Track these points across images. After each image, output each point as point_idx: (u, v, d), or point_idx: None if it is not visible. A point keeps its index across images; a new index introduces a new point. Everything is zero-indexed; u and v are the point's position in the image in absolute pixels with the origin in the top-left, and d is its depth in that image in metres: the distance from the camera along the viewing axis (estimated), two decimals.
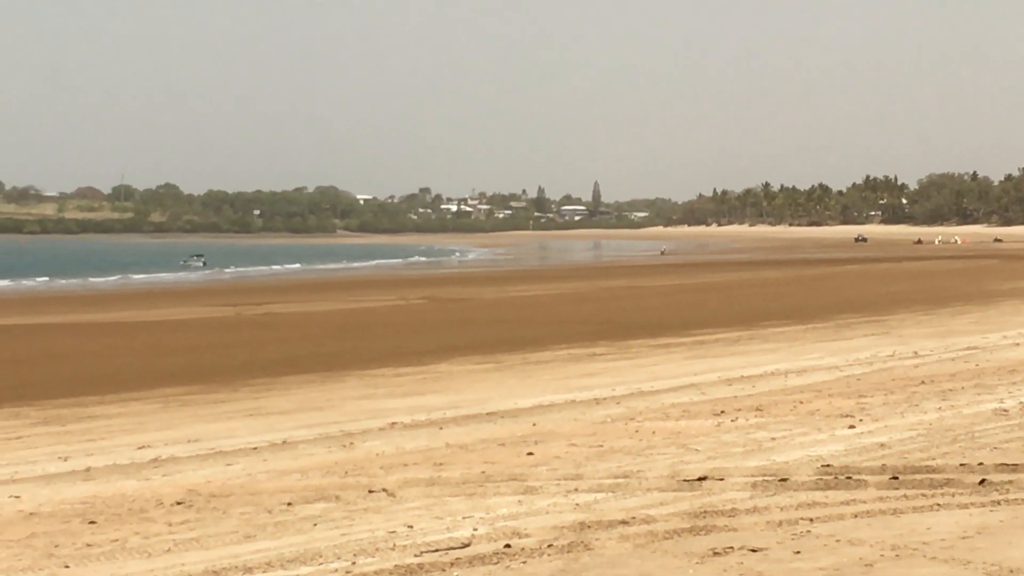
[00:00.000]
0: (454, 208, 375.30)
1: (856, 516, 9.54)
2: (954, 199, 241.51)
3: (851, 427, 14.08)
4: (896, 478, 10.88)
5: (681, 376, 21.46)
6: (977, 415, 14.49)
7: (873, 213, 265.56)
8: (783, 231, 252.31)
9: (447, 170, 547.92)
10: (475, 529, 9.73)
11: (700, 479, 11.25)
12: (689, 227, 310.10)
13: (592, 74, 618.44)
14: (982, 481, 10.55)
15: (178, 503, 11.62)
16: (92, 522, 11.02)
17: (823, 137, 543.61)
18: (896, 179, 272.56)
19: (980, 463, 11.33)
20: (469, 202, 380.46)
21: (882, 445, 12.66)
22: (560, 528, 9.57)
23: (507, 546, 9.05)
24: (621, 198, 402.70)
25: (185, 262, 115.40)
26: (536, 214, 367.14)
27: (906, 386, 17.85)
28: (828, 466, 11.55)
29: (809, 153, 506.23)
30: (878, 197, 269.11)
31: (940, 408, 15.22)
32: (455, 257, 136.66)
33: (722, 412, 15.98)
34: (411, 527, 9.99)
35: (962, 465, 11.31)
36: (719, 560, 8.43)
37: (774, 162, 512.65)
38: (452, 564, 8.68)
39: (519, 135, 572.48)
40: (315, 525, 10.38)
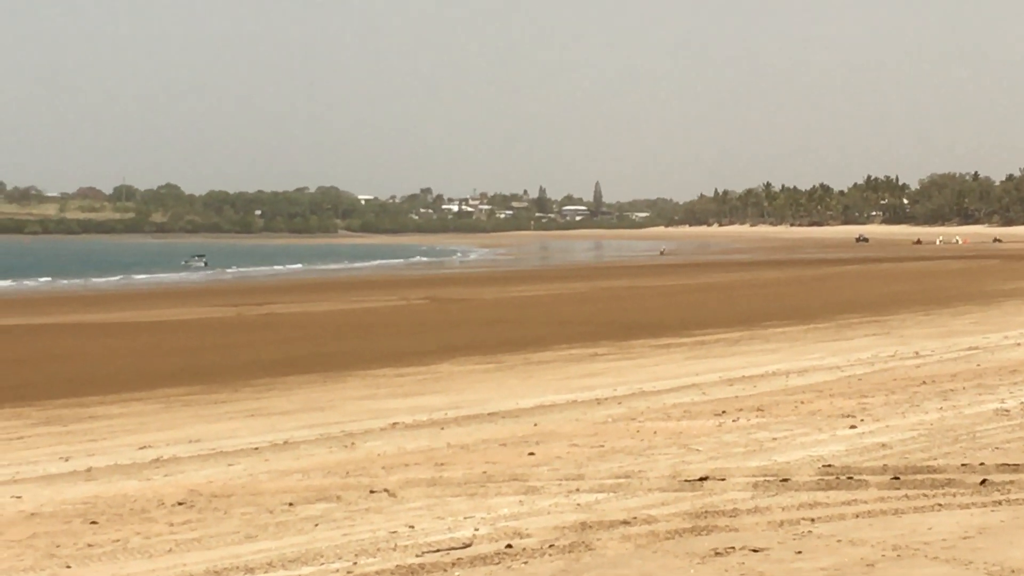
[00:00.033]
0: (455, 208, 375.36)
1: (857, 516, 9.54)
2: (955, 199, 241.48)
3: (852, 427, 14.08)
4: (897, 478, 10.88)
5: (682, 376, 21.46)
6: (978, 415, 14.49)
7: (874, 213, 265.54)
8: (784, 231, 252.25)
9: (448, 170, 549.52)
10: (476, 529, 9.73)
11: (701, 479, 11.25)
12: (690, 227, 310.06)
13: (593, 74, 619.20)
14: (983, 481, 10.55)
15: (179, 503, 11.63)
16: (93, 522, 11.02)
17: (824, 137, 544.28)
18: (897, 179, 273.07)
19: (981, 463, 11.33)
20: (470, 202, 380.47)
21: (883, 445, 12.66)
22: (561, 528, 9.57)
23: (508, 546, 9.06)
24: (622, 198, 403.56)
25: (186, 262, 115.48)
26: (537, 214, 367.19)
27: (907, 386, 17.85)
28: (829, 466, 11.55)
29: (810, 153, 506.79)
30: (879, 197, 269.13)
31: (941, 408, 15.21)
32: (456, 257, 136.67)
33: (723, 412, 15.98)
34: (412, 527, 9.99)
35: (963, 465, 11.31)
36: (720, 560, 8.43)
37: (775, 162, 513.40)
38: (453, 564, 8.68)
39: (520, 135, 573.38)
40: (316, 525, 10.39)
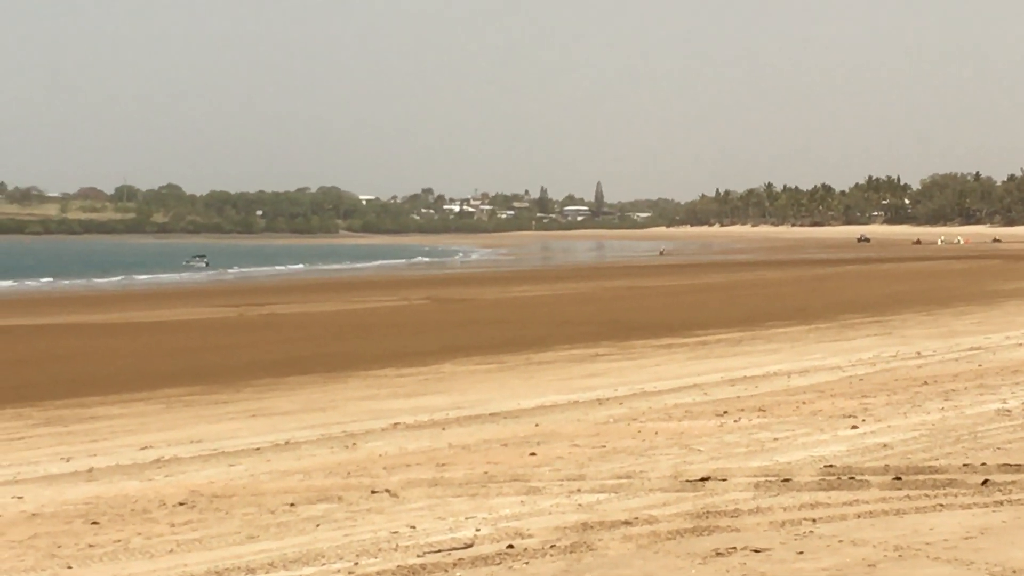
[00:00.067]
0: (457, 208, 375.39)
1: (859, 516, 9.53)
2: (957, 199, 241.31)
3: (854, 427, 14.07)
4: (899, 478, 10.87)
5: (684, 376, 21.45)
6: (980, 415, 14.48)
7: (876, 213, 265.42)
8: (786, 231, 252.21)
9: (450, 170, 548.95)
10: (478, 530, 9.73)
11: (703, 479, 11.24)
12: (692, 227, 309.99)
13: (594, 74, 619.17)
14: (985, 481, 10.54)
15: (181, 504, 11.62)
16: (95, 523, 11.02)
17: (826, 137, 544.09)
18: (899, 179, 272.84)
19: (983, 463, 11.33)
20: (472, 202, 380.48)
21: (885, 445, 12.65)
22: (563, 528, 9.57)
23: (510, 547, 9.05)
24: (624, 198, 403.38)
25: (188, 263, 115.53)
26: (539, 214, 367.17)
27: (909, 386, 17.83)
28: (831, 466, 11.54)
29: (812, 153, 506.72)
30: (881, 197, 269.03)
31: (943, 408, 15.20)
32: (458, 258, 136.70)
33: (725, 412, 15.97)
34: (414, 528, 9.99)
35: (965, 465, 11.30)
36: (722, 560, 8.43)
37: (777, 162, 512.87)
38: (455, 565, 8.67)
39: (522, 136, 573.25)
40: (318, 526, 10.38)
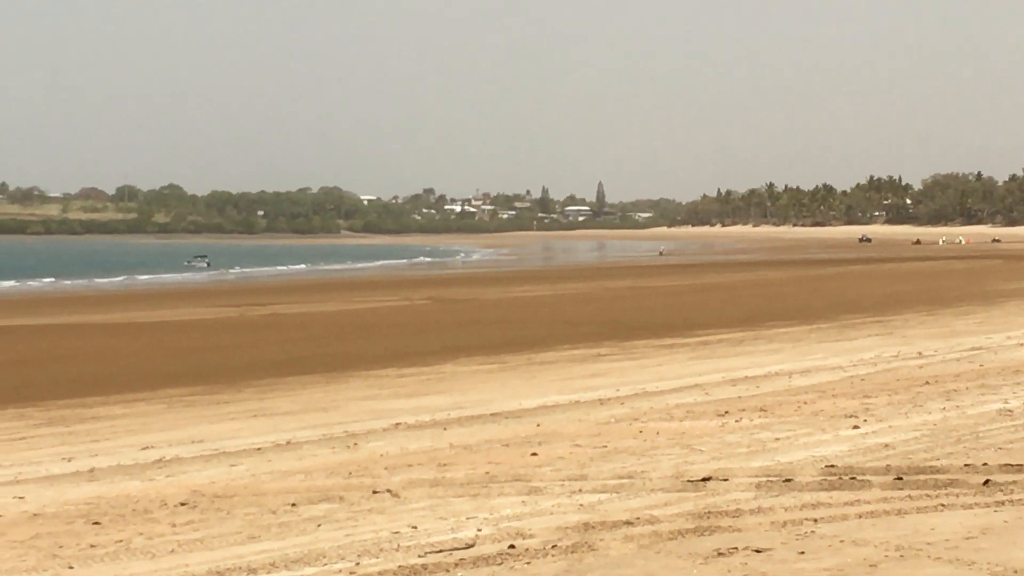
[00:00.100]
0: (458, 209, 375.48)
1: (860, 516, 9.53)
2: (958, 199, 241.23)
3: (855, 427, 14.06)
4: (900, 478, 10.87)
5: (685, 377, 21.45)
6: (981, 415, 14.47)
7: (877, 213, 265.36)
8: (787, 231, 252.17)
9: (451, 171, 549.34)
10: (479, 530, 9.73)
11: (704, 480, 11.24)
12: (693, 227, 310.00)
13: (596, 74, 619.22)
14: (986, 481, 10.53)
15: (182, 504, 11.62)
16: (96, 523, 11.02)
17: (827, 137, 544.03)
18: (900, 179, 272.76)
19: (984, 463, 11.32)
20: (473, 203, 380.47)
21: (886, 445, 12.64)
22: (564, 529, 9.57)
23: (511, 547, 9.05)
24: (625, 199, 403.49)
25: (189, 263, 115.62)
26: (540, 215, 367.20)
27: (910, 386, 17.83)
28: (832, 467, 11.54)
29: (813, 153, 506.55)
30: (882, 197, 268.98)
31: (944, 408, 15.19)
32: (460, 258, 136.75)
33: (726, 413, 15.97)
34: (415, 528, 9.99)
35: (966, 465, 11.29)
36: (723, 560, 8.42)
37: (778, 162, 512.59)
38: (456, 565, 8.67)
39: (523, 136, 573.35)
40: (319, 526, 10.38)
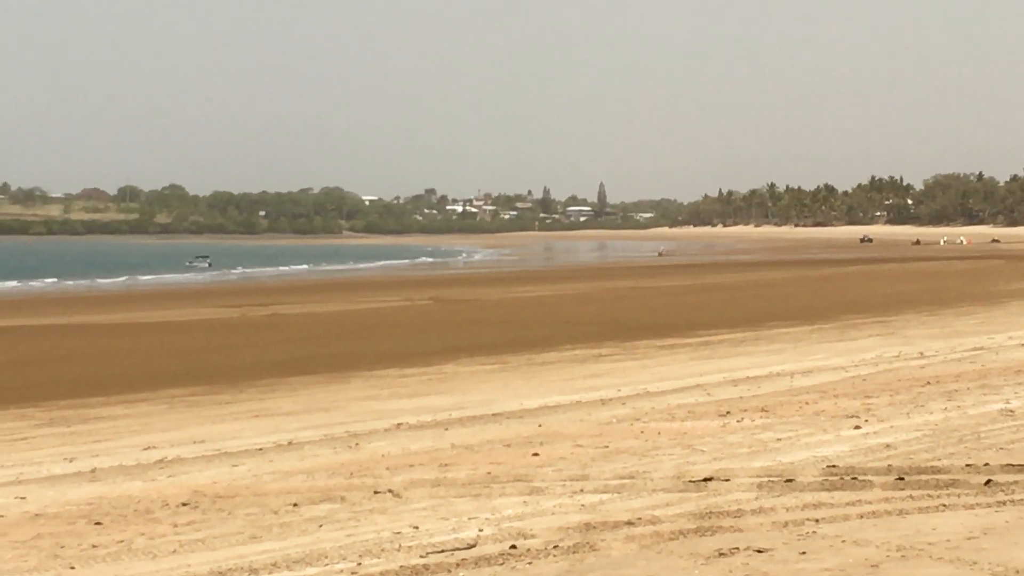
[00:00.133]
0: (459, 209, 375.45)
1: (862, 517, 9.53)
2: (960, 200, 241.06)
3: (857, 428, 14.06)
4: (902, 479, 10.86)
5: (687, 377, 21.44)
6: (983, 416, 14.46)
7: (878, 214, 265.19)
8: (789, 232, 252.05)
9: (452, 171, 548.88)
10: (481, 530, 9.73)
11: (706, 480, 11.24)
12: (695, 228, 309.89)
13: (597, 75, 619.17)
14: (988, 482, 10.53)
15: (184, 504, 11.63)
16: (98, 523, 11.03)
17: (828, 138, 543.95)
18: (901, 180, 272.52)
19: (986, 464, 11.31)
20: (474, 203, 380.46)
21: (888, 446, 12.64)
22: (566, 529, 9.57)
23: (513, 547, 9.05)
24: (627, 199, 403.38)
25: (191, 263, 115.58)
26: (542, 215, 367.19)
27: (912, 387, 17.83)
28: (834, 467, 11.54)
29: (814, 154, 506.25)
30: (883, 198, 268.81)
31: (946, 409, 15.19)
32: (461, 258, 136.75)
33: (728, 413, 15.97)
34: (417, 528, 9.99)
35: (968, 466, 11.29)
36: (725, 561, 8.42)
37: (779, 163, 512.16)
38: (458, 565, 8.67)
39: (525, 136, 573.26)
40: (321, 526, 10.39)
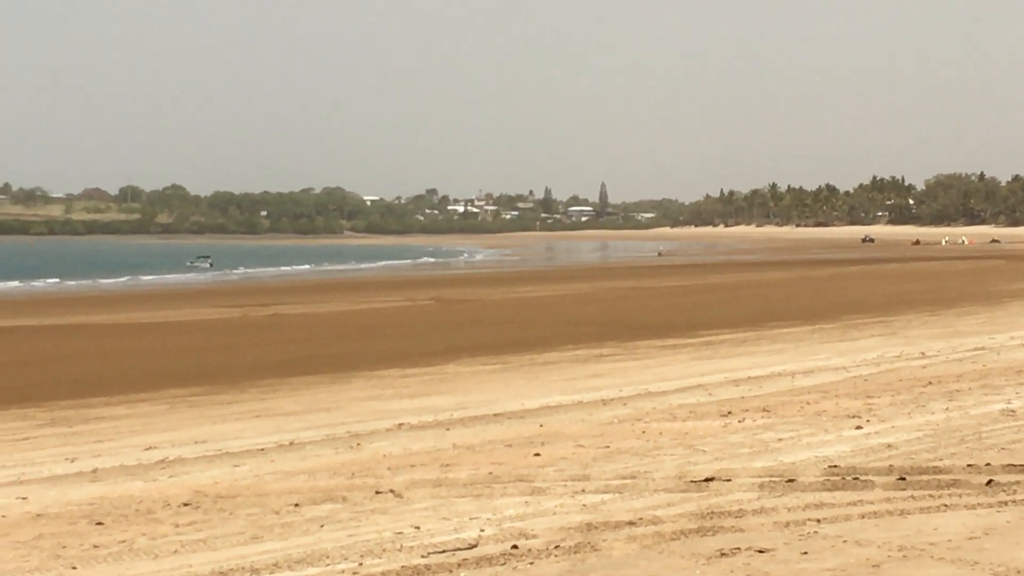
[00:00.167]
0: (461, 209, 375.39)
1: (863, 517, 9.52)
2: (961, 200, 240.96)
3: (858, 428, 14.06)
4: (903, 479, 10.86)
5: (688, 377, 21.44)
6: (984, 416, 14.46)
7: (880, 214, 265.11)
8: (790, 232, 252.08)
9: (454, 171, 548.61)
10: (482, 530, 9.73)
11: (707, 480, 11.24)
12: (696, 228, 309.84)
13: (598, 75, 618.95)
14: (989, 482, 10.53)
15: (185, 504, 11.63)
16: (99, 523, 11.03)
17: (830, 138, 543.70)
18: (903, 180, 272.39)
19: (987, 464, 11.31)
20: (476, 203, 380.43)
21: (889, 446, 12.64)
22: (567, 529, 9.57)
23: (514, 547, 9.05)
24: (628, 199, 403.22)
25: (192, 263, 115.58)
26: (543, 215, 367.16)
27: (913, 387, 17.82)
28: (835, 467, 11.53)
29: (816, 154, 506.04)
30: (885, 198, 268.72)
31: (947, 409, 15.19)
32: (463, 258, 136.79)
33: (729, 413, 15.97)
34: (418, 528, 9.99)
35: (969, 466, 11.29)
36: (726, 561, 8.42)
37: (781, 163, 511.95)
38: (459, 565, 8.67)
39: (526, 136, 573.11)
40: (322, 526, 10.39)
